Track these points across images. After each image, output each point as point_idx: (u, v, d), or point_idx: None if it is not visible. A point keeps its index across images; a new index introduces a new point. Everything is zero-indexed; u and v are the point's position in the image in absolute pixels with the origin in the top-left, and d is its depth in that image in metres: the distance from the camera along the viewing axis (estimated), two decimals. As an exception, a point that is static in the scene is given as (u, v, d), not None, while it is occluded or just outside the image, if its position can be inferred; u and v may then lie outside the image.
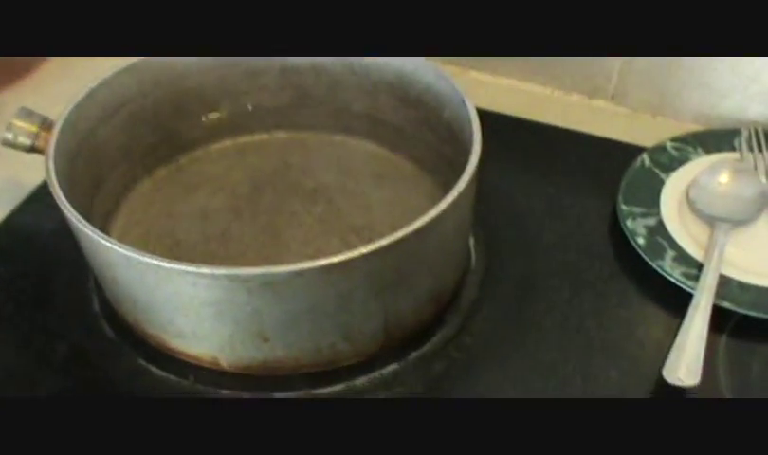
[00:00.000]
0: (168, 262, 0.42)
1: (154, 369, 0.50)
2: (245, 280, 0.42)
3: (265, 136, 0.62)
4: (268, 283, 0.42)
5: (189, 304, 0.45)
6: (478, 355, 0.51)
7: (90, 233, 0.44)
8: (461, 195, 0.45)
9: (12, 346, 0.52)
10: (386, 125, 0.60)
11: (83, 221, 0.45)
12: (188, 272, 0.42)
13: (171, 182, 0.59)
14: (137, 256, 0.43)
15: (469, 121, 0.49)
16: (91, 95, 0.53)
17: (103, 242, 0.44)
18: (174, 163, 0.60)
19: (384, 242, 0.43)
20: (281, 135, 0.62)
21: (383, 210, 0.56)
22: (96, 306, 0.54)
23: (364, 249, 0.42)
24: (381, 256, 0.43)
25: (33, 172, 0.56)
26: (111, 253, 0.44)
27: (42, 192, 0.59)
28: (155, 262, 0.42)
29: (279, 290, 0.43)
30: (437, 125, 0.55)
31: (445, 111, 0.54)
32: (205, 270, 0.42)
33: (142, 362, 0.50)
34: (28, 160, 0.54)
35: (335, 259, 0.42)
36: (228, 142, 0.62)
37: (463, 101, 0.51)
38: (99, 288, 0.53)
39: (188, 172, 0.60)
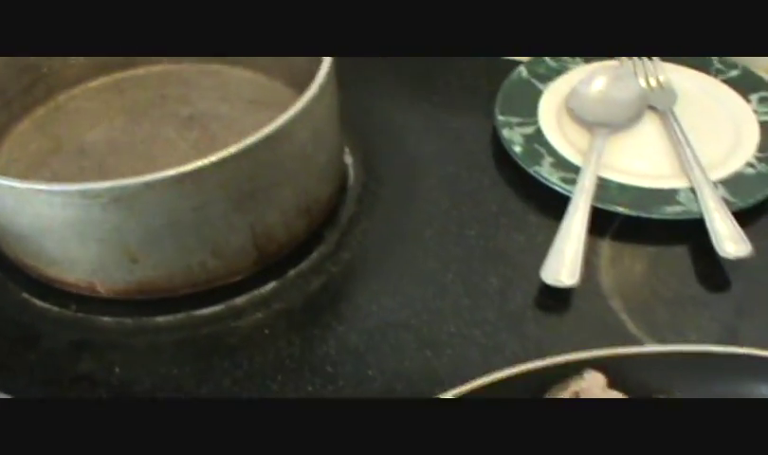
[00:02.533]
0: (19, 182, 0.43)
1: (36, 301, 0.50)
2: (96, 195, 0.42)
3: (141, 71, 0.62)
4: (120, 198, 0.43)
5: (50, 226, 0.45)
6: (356, 269, 0.51)
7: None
8: (310, 102, 0.46)
9: None
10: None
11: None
12: (40, 190, 0.43)
13: (50, 121, 0.59)
14: (-11, 179, 0.43)
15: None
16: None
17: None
18: (53, 102, 0.60)
19: (232, 149, 0.43)
20: (157, 68, 0.62)
21: (258, 134, 0.56)
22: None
23: (213, 158, 0.43)
24: (232, 164, 0.44)
25: None
26: (-33, 179, 0.44)
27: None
28: (8, 183, 0.43)
29: (133, 205, 0.43)
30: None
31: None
32: (56, 187, 0.42)
33: (26, 295, 0.51)
34: None
35: (183, 168, 0.42)
36: (105, 79, 0.62)
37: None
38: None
39: (66, 110, 0.60)
